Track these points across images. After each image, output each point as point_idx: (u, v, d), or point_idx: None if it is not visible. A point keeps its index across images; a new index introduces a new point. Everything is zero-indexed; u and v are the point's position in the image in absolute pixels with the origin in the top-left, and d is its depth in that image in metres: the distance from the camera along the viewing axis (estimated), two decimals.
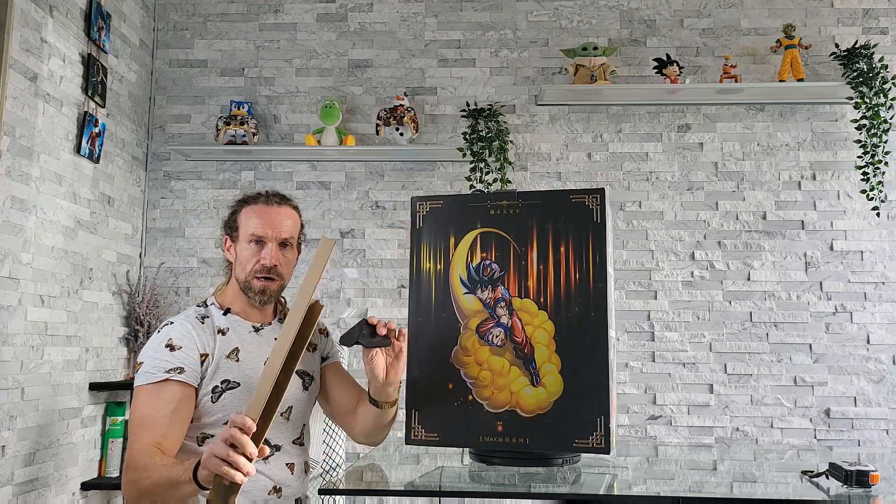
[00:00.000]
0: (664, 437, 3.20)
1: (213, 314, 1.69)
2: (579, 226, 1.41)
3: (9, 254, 2.43)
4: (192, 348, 1.59)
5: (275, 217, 1.69)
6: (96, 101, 2.96)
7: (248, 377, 1.64)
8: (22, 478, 2.49)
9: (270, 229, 1.68)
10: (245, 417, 1.21)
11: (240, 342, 1.67)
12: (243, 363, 1.65)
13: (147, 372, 1.55)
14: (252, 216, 1.69)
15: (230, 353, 1.64)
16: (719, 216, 3.30)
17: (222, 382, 1.61)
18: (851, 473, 1.27)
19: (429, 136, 3.39)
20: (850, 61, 3.18)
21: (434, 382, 1.44)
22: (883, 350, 3.19)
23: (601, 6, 3.44)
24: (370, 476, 1.56)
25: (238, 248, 1.70)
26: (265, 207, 1.71)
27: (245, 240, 1.68)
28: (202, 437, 1.60)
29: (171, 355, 1.56)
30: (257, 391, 1.26)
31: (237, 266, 1.70)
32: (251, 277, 1.68)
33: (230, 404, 1.60)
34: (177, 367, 1.55)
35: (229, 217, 1.75)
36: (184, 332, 1.60)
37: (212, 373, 1.60)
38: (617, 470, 1.50)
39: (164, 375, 1.53)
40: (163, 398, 1.52)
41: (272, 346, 1.66)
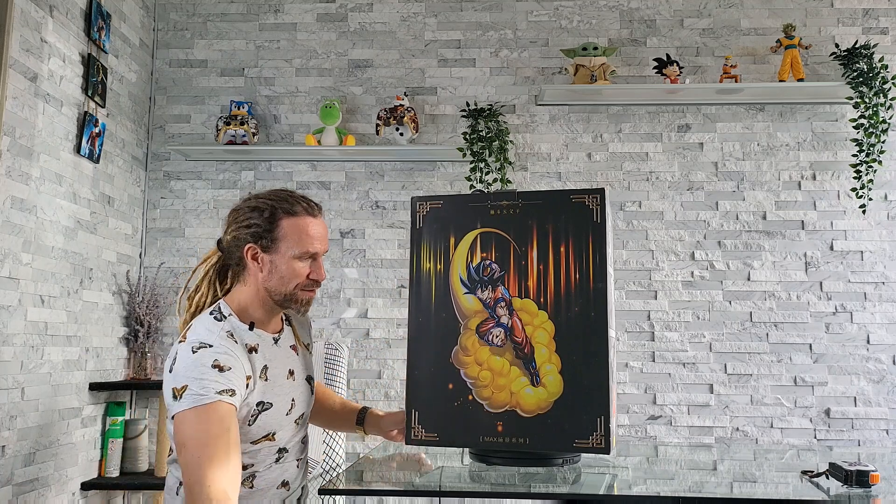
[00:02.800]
0: (664, 437, 3.20)
1: (236, 329, 1.58)
2: (579, 226, 1.41)
3: (9, 254, 2.43)
4: (240, 371, 1.50)
5: (322, 229, 1.62)
6: (96, 101, 2.96)
7: (277, 395, 1.60)
8: (22, 478, 2.49)
9: (321, 244, 1.61)
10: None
11: (267, 359, 1.61)
12: (271, 381, 1.60)
13: (195, 394, 1.43)
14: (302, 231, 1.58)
15: (261, 372, 1.57)
16: (719, 216, 3.30)
17: (258, 405, 1.55)
18: (851, 473, 1.27)
19: (429, 136, 3.39)
20: (850, 61, 3.18)
21: (434, 382, 1.44)
22: (883, 350, 3.19)
23: (601, 6, 3.44)
24: (370, 476, 1.56)
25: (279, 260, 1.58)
26: (311, 220, 1.60)
27: (293, 255, 1.57)
28: None
29: (220, 376, 1.46)
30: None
31: (273, 278, 1.58)
32: (297, 290, 1.60)
33: (265, 425, 1.57)
34: (228, 389, 1.46)
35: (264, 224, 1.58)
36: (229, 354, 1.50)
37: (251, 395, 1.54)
38: (617, 470, 1.50)
39: (217, 398, 1.43)
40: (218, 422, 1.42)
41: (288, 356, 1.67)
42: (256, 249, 1.58)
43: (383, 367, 3.29)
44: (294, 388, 1.66)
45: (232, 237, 1.62)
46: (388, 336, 3.31)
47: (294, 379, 1.67)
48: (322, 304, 3.32)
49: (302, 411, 1.69)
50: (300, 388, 1.69)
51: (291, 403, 1.64)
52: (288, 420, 1.64)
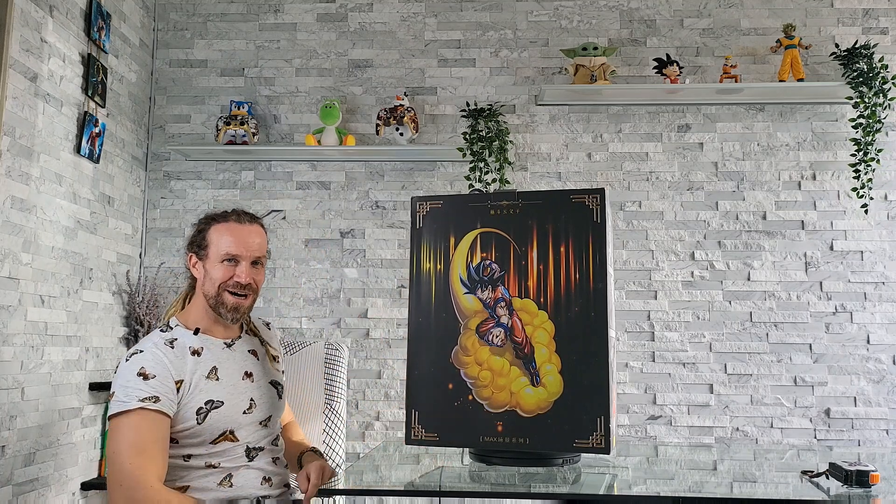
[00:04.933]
0: (664, 437, 3.20)
1: (181, 336, 1.69)
2: (579, 226, 1.41)
3: (9, 254, 2.43)
4: (166, 376, 1.58)
5: (247, 236, 1.71)
6: (96, 101, 2.96)
7: (231, 394, 1.66)
8: (22, 478, 2.50)
9: (244, 248, 1.70)
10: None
11: (216, 360, 1.69)
12: (223, 381, 1.67)
13: (120, 401, 1.54)
14: (225, 234, 1.70)
15: (209, 373, 1.65)
16: (719, 216, 3.30)
17: (206, 403, 1.62)
18: (851, 473, 1.27)
19: (429, 136, 3.39)
20: (850, 61, 3.18)
21: (434, 382, 1.44)
22: (883, 350, 3.19)
23: (601, 6, 3.44)
24: (370, 476, 1.56)
25: (208, 266, 1.71)
26: (237, 226, 1.72)
27: (217, 258, 1.69)
28: (188, 455, 1.62)
29: (144, 384, 1.55)
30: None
31: (206, 283, 1.71)
32: (222, 292, 1.69)
33: (217, 423, 1.63)
34: (151, 396, 1.55)
35: (196, 234, 1.75)
36: (156, 360, 1.59)
37: (191, 395, 1.61)
38: (617, 470, 1.50)
39: (139, 404, 1.53)
40: (144, 427, 1.52)
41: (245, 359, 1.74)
42: (194, 258, 1.73)
43: (383, 367, 3.29)
44: (252, 389, 1.72)
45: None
46: (388, 336, 3.31)
47: (252, 380, 1.73)
48: (322, 304, 3.32)
49: (267, 414, 1.74)
50: (260, 390, 1.75)
51: (251, 403, 1.70)
52: (248, 419, 1.68)
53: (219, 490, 1.61)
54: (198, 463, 1.61)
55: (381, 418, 3.26)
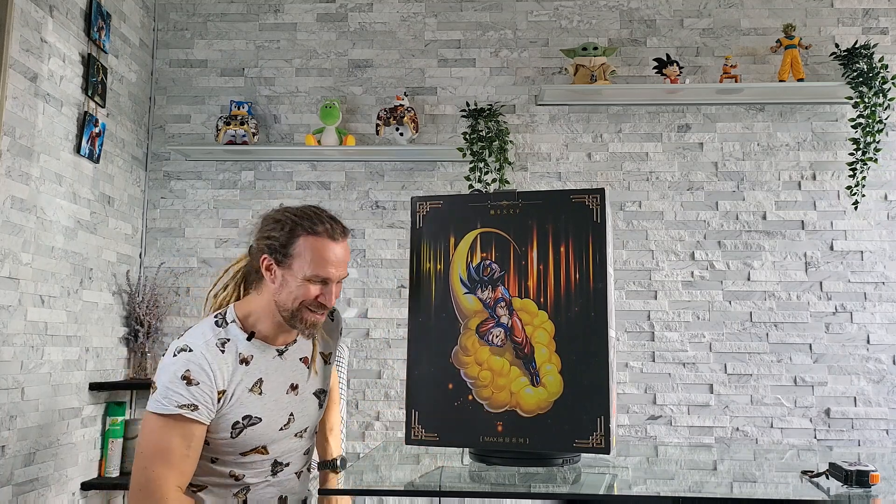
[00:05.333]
0: (664, 437, 3.20)
1: (234, 337, 1.58)
2: (579, 226, 1.41)
3: (9, 254, 2.43)
4: (210, 385, 1.51)
5: (341, 255, 1.58)
6: (96, 101, 2.96)
7: (271, 410, 1.59)
8: (22, 478, 2.49)
9: (335, 271, 1.57)
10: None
11: (263, 372, 1.59)
12: (266, 396, 1.59)
13: (159, 401, 1.49)
14: (318, 254, 1.55)
15: (253, 385, 1.57)
16: (719, 216, 3.30)
17: (244, 419, 1.55)
18: (851, 473, 1.27)
19: (429, 136, 3.39)
20: (850, 61, 3.18)
21: (434, 382, 1.44)
22: (883, 350, 3.19)
23: (601, 6, 3.44)
24: (370, 476, 1.56)
25: (289, 278, 1.56)
26: (331, 244, 1.57)
27: (304, 276, 1.55)
28: (215, 459, 1.58)
29: (186, 390, 1.48)
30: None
31: (283, 293, 1.57)
32: (303, 308, 1.58)
33: (251, 439, 1.57)
34: (190, 403, 1.48)
35: (280, 238, 1.56)
36: (203, 366, 1.50)
37: (231, 407, 1.54)
38: (617, 470, 1.50)
39: (177, 410, 1.47)
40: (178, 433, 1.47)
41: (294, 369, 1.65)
42: (271, 261, 1.57)
43: (383, 367, 3.29)
44: (295, 402, 1.65)
45: (255, 245, 1.62)
46: (388, 336, 3.31)
47: (297, 393, 1.65)
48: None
49: (305, 425, 1.68)
50: (304, 402, 1.67)
51: (289, 418, 1.63)
52: (283, 434, 1.63)
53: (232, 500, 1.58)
54: (222, 469, 1.58)
55: (381, 418, 3.26)
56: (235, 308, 1.62)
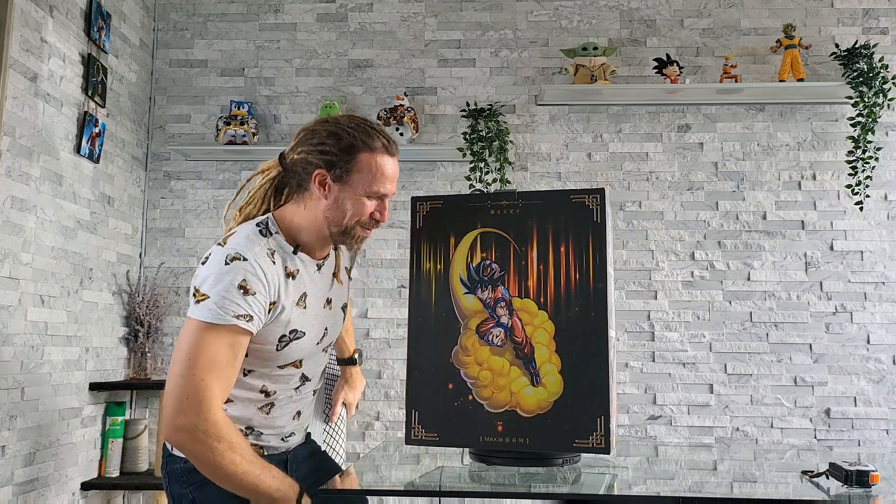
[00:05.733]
0: (664, 437, 3.20)
1: (281, 249, 1.51)
2: (579, 226, 1.41)
3: (9, 254, 2.43)
4: (264, 295, 1.44)
5: (396, 171, 1.55)
6: (96, 101, 2.96)
7: (312, 325, 1.56)
8: (22, 478, 2.50)
9: (392, 186, 1.54)
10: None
11: (307, 286, 1.55)
12: (309, 310, 1.55)
13: (213, 310, 1.40)
14: (377, 169, 1.51)
15: (299, 299, 1.52)
16: (719, 216, 3.30)
17: (291, 332, 1.51)
18: (851, 473, 1.27)
19: (429, 136, 3.39)
20: (850, 61, 3.18)
21: (434, 382, 1.44)
22: (883, 350, 3.19)
23: (601, 6, 3.44)
24: (370, 476, 1.56)
25: (346, 194, 1.51)
26: (389, 159, 1.53)
27: (363, 191, 1.51)
28: (249, 371, 1.53)
29: (243, 300, 1.41)
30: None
31: (335, 209, 1.51)
32: (356, 225, 1.53)
33: (293, 352, 1.54)
34: (247, 314, 1.41)
35: (339, 151, 1.50)
36: (258, 276, 1.43)
37: (279, 320, 1.49)
38: (617, 470, 1.50)
39: (233, 321, 1.40)
40: (227, 343, 1.40)
41: (328, 284, 1.63)
42: (326, 177, 1.51)
43: (383, 367, 3.29)
44: (328, 317, 1.63)
45: (301, 157, 1.54)
46: (388, 336, 3.31)
47: (330, 308, 1.64)
48: None
49: (332, 340, 1.68)
50: (335, 317, 1.67)
51: (324, 332, 1.62)
52: (317, 349, 1.62)
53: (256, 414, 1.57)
54: (254, 383, 1.54)
55: (381, 418, 3.26)
56: (276, 219, 1.55)
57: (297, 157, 1.54)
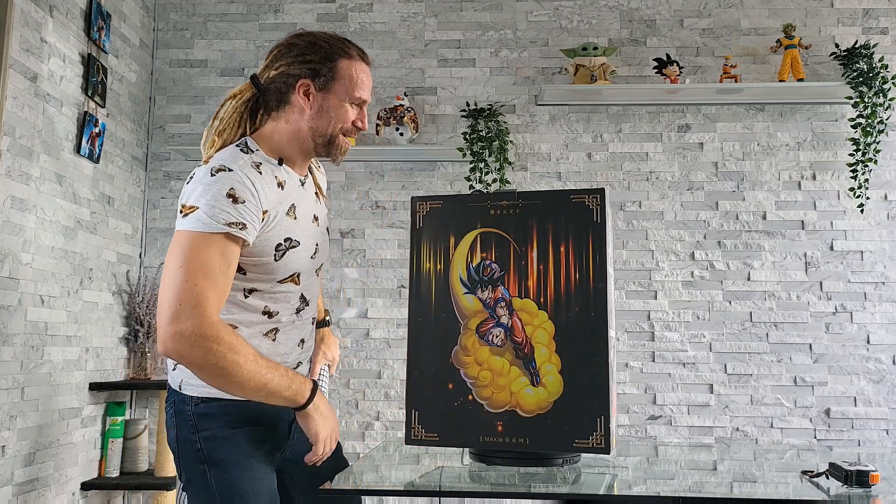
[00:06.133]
0: (664, 437, 3.20)
1: (264, 162, 1.52)
2: (579, 226, 1.41)
3: (9, 254, 2.43)
4: (255, 204, 1.44)
5: (371, 80, 1.60)
6: (96, 101, 2.96)
7: (304, 235, 1.57)
8: (22, 478, 2.50)
9: (369, 94, 1.60)
10: None
11: (294, 198, 1.56)
12: (299, 221, 1.56)
13: (203, 220, 1.39)
14: (357, 75, 1.56)
15: (289, 209, 1.53)
16: (719, 216, 3.30)
17: (286, 241, 1.51)
18: (851, 473, 1.27)
19: (429, 136, 3.39)
20: (850, 61, 3.18)
21: (434, 382, 1.44)
22: (883, 350, 3.19)
23: (601, 6, 3.44)
24: (370, 476, 1.56)
25: (330, 102, 1.54)
26: (365, 66, 1.58)
27: (345, 97, 1.54)
28: (251, 291, 1.52)
29: (233, 208, 1.40)
30: None
31: (320, 118, 1.54)
32: (339, 133, 1.56)
33: (291, 262, 1.54)
34: (238, 222, 1.41)
35: (320, 60, 1.54)
36: (245, 184, 1.43)
37: (273, 229, 1.49)
38: (617, 470, 1.50)
39: (225, 228, 1.39)
40: (219, 251, 1.39)
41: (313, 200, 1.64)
42: (311, 86, 1.54)
43: (383, 367, 3.29)
44: (317, 233, 1.64)
45: (280, 72, 1.55)
46: (388, 336, 3.31)
47: (318, 224, 1.65)
48: None
49: (322, 261, 1.68)
50: (322, 235, 1.67)
51: (315, 248, 1.62)
52: (311, 265, 1.62)
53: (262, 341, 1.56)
54: (256, 304, 1.53)
55: (381, 418, 3.26)
56: (254, 139, 1.56)
57: (276, 73, 1.56)
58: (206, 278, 1.37)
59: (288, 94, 1.54)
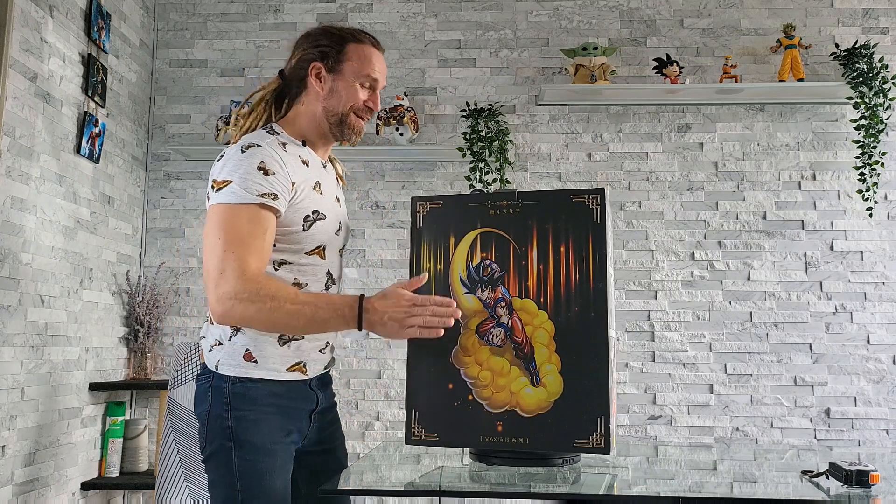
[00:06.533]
0: (664, 437, 3.20)
1: (289, 142, 1.62)
2: (579, 226, 1.41)
3: (9, 254, 2.43)
4: (285, 176, 1.52)
5: (383, 65, 1.69)
6: (96, 101, 2.96)
7: (329, 211, 1.64)
8: (22, 478, 2.50)
9: (381, 76, 1.68)
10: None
11: (319, 176, 1.65)
12: (325, 196, 1.64)
13: (238, 192, 1.48)
14: (368, 57, 1.65)
15: (314, 185, 1.61)
16: (719, 216, 3.30)
17: (313, 213, 1.59)
18: (851, 473, 1.27)
19: (429, 136, 3.39)
20: (850, 61, 3.18)
21: (434, 382, 1.44)
22: (883, 350, 3.19)
23: (601, 6, 3.44)
24: (370, 476, 1.56)
25: (340, 84, 1.64)
26: (376, 51, 1.67)
27: (355, 78, 1.63)
28: (281, 262, 1.58)
29: (264, 179, 1.49)
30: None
31: (331, 99, 1.64)
32: (350, 112, 1.64)
33: (318, 233, 1.61)
34: (270, 192, 1.49)
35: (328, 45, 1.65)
36: (275, 158, 1.52)
37: (301, 201, 1.57)
38: (617, 470, 1.50)
39: (258, 199, 1.48)
40: (255, 220, 1.48)
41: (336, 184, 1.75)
42: (321, 68, 1.64)
43: (383, 367, 3.29)
44: (340, 212, 1.72)
45: (297, 59, 1.67)
46: None
47: (340, 205, 1.73)
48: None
49: (344, 241, 1.74)
50: (344, 216, 1.76)
51: (339, 224, 1.69)
52: (336, 241, 1.68)
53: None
54: (286, 276, 1.58)
55: (381, 418, 3.26)
56: (279, 124, 1.66)
57: (294, 61, 1.68)
58: (243, 244, 1.46)
59: (305, 79, 1.66)
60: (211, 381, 1.57)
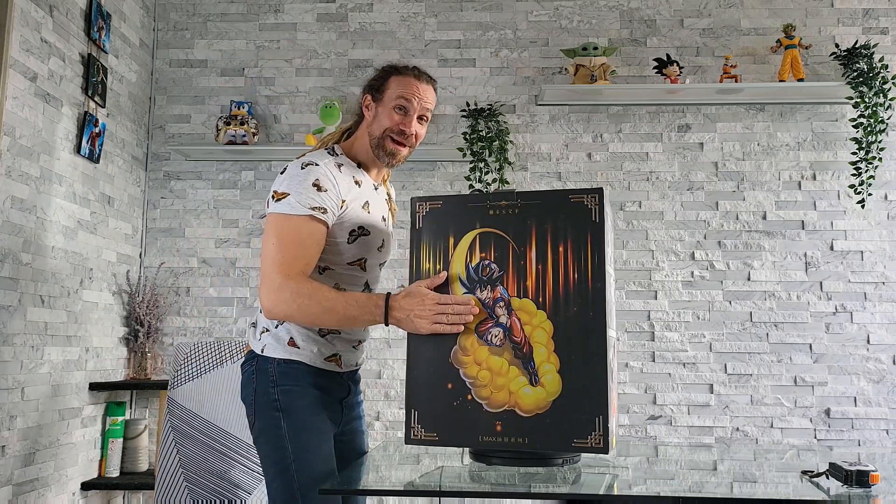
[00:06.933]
0: (664, 437, 3.20)
1: (346, 164, 1.80)
2: (578, 225, 1.41)
3: (9, 254, 2.43)
4: (336, 193, 1.70)
5: (422, 91, 1.83)
6: (96, 101, 2.96)
7: (376, 228, 1.80)
8: (22, 478, 2.50)
9: (416, 101, 1.81)
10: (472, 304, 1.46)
11: (369, 196, 1.81)
12: (373, 215, 1.81)
13: (293, 204, 1.66)
14: (403, 84, 1.82)
15: (363, 204, 1.78)
16: (719, 216, 3.30)
17: (359, 228, 1.76)
18: (851, 473, 1.27)
19: (429, 136, 3.39)
20: (850, 61, 3.18)
21: (433, 382, 1.44)
22: (883, 350, 3.19)
23: (601, 6, 3.44)
24: (370, 476, 1.56)
25: (380, 109, 1.82)
26: (415, 80, 1.84)
27: (390, 103, 1.80)
28: (325, 268, 1.74)
29: (317, 195, 1.67)
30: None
31: (374, 124, 1.82)
32: (385, 136, 1.80)
33: (361, 248, 1.77)
34: (321, 206, 1.67)
35: (376, 79, 1.87)
36: (329, 177, 1.70)
37: (349, 216, 1.74)
38: (617, 470, 1.50)
39: (309, 212, 1.65)
40: (305, 230, 1.66)
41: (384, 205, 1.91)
42: (368, 99, 1.85)
43: (383, 367, 3.29)
44: (385, 232, 1.87)
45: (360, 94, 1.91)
46: (388, 336, 3.31)
47: (386, 225, 1.89)
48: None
49: (386, 257, 1.90)
50: (389, 235, 1.91)
51: (382, 242, 1.84)
52: (377, 257, 1.84)
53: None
54: (328, 280, 1.74)
55: (381, 418, 3.26)
56: (342, 146, 1.87)
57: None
58: (292, 250, 1.65)
59: (361, 111, 1.88)
60: (256, 364, 1.72)
